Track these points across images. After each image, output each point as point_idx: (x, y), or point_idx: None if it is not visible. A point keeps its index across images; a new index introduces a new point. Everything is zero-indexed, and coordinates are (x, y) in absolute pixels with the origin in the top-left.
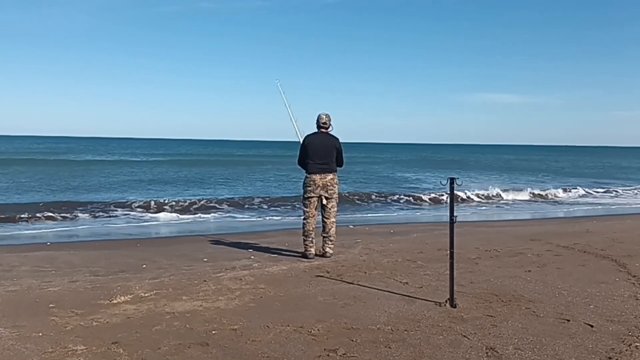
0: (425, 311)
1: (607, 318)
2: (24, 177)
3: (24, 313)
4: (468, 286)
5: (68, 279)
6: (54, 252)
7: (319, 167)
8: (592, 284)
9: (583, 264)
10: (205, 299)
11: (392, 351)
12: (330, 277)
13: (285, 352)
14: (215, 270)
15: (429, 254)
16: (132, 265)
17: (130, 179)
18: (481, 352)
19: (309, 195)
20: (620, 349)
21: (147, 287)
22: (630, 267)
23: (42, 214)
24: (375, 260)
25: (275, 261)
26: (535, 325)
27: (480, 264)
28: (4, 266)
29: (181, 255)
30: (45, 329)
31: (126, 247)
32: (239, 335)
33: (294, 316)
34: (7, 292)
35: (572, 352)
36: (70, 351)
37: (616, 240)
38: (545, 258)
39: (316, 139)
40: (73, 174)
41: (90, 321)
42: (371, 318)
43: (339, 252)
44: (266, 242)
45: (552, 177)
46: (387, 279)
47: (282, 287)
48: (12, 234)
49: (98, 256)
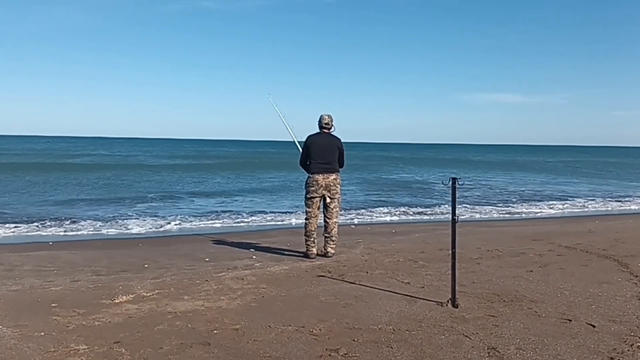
0: (427, 311)
1: (609, 318)
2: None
3: (26, 312)
4: (470, 286)
5: (70, 278)
6: (56, 252)
7: (322, 167)
8: (594, 284)
9: (585, 264)
10: (207, 298)
11: (393, 351)
12: (332, 277)
13: (286, 351)
14: (217, 270)
15: (431, 254)
16: (133, 265)
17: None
18: (483, 352)
19: (311, 195)
20: (622, 349)
21: (148, 286)
22: (632, 267)
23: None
24: (377, 260)
25: (277, 261)
26: (537, 325)
27: (482, 264)
28: (6, 265)
29: (183, 254)
30: (47, 328)
31: (128, 246)
32: (241, 335)
33: (296, 316)
34: (10, 291)
35: (574, 352)
36: (72, 350)
37: (618, 240)
38: (547, 258)
39: (319, 139)
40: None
41: (92, 321)
42: (373, 318)
43: (341, 252)
44: (268, 242)
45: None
46: (389, 278)
47: (283, 287)
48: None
49: (100, 256)
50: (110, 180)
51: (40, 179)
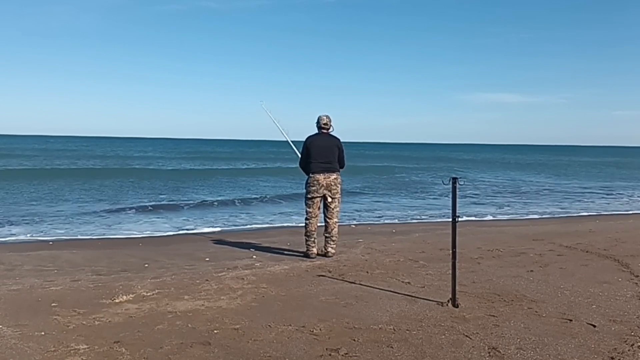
0: (428, 311)
1: (609, 318)
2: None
3: (26, 312)
4: (470, 286)
5: (70, 278)
6: (56, 252)
7: (323, 167)
8: (594, 284)
9: (585, 264)
10: (207, 298)
11: (394, 351)
12: (332, 276)
13: (287, 351)
14: (217, 269)
15: (431, 254)
16: (134, 265)
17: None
18: (483, 352)
19: (312, 195)
20: (623, 349)
21: (149, 286)
22: (633, 267)
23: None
24: (377, 260)
25: (277, 261)
26: (538, 325)
27: (483, 264)
28: (7, 265)
29: (183, 254)
30: (48, 328)
31: (128, 246)
32: (241, 334)
33: (296, 316)
34: (10, 291)
35: (574, 352)
36: (72, 350)
37: (619, 240)
38: (548, 258)
39: (318, 139)
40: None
41: (92, 320)
42: (373, 318)
43: (341, 252)
44: (268, 242)
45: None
46: (389, 278)
47: (284, 286)
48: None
49: (100, 255)
50: (113, 182)
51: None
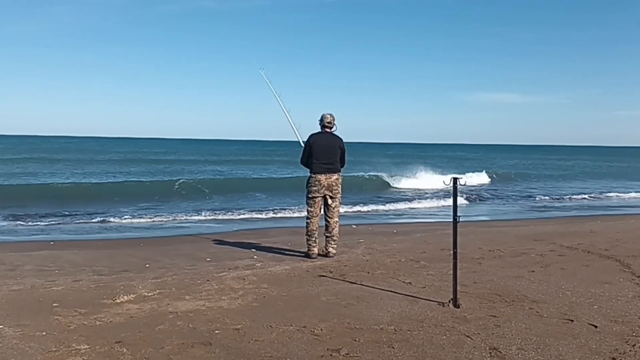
0: (429, 311)
1: (611, 318)
2: None
3: (28, 312)
4: (471, 286)
5: (71, 278)
6: (58, 252)
7: (325, 167)
8: (595, 284)
9: (587, 264)
10: (208, 298)
11: (395, 351)
12: (333, 277)
13: (288, 351)
14: (218, 269)
15: (432, 254)
16: (135, 265)
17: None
18: (484, 352)
19: (313, 195)
20: (624, 350)
21: (150, 286)
22: (634, 267)
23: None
24: (378, 260)
25: (278, 261)
26: (539, 326)
27: (484, 264)
28: (8, 265)
29: (184, 254)
30: (49, 328)
31: (129, 246)
32: (242, 334)
33: (297, 316)
34: (11, 291)
35: (575, 352)
36: (73, 350)
37: (620, 241)
38: (549, 258)
39: (321, 138)
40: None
41: (93, 320)
42: (374, 318)
43: (342, 252)
44: (269, 242)
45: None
46: (390, 278)
47: (285, 286)
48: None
49: (101, 255)
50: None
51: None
